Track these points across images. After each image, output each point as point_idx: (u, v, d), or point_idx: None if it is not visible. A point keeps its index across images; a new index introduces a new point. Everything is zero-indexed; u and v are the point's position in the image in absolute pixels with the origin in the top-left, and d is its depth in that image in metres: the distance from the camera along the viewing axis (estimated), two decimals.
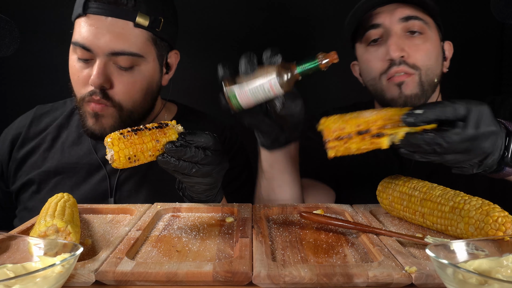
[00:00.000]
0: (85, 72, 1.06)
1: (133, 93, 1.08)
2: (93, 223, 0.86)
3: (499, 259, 0.56)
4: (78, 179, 1.15)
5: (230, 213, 0.91)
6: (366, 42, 1.16)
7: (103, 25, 1.03)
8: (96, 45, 1.03)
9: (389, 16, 1.11)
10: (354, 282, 0.59)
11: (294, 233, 0.79)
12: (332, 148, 0.76)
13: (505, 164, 0.77)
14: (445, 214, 0.75)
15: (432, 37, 1.13)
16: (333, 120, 0.76)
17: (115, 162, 0.76)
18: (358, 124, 0.74)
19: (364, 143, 0.74)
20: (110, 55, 1.03)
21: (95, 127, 1.08)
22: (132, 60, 1.05)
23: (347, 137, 0.74)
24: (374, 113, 0.74)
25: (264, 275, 0.59)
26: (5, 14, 1.33)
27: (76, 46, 1.05)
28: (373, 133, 0.73)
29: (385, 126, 0.73)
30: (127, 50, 1.04)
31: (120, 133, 0.77)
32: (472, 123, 0.70)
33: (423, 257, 0.67)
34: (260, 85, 0.78)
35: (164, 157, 0.79)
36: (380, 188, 0.89)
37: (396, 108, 0.75)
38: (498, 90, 1.68)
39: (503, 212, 0.70)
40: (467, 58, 1.66)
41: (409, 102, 1.11)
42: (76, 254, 0.55)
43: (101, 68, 1.03)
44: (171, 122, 0.83)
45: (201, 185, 0.86)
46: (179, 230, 0.81)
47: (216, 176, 0.86)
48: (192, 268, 0.61)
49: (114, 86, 1.05)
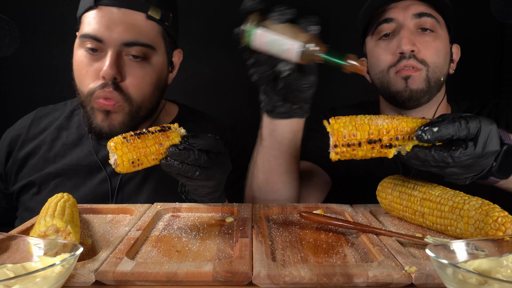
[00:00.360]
0: (94, 66, 1.05)
1: (144, 86, 1.08)
2: (93, 223, 0.86)
3: (499, 259, 0.56)
4: (78, 181, 1.15)
5: (230, 213, 0.91)
6: (378, 36, 1.17)
7: (115, 17, 1.03)
8: (108, 36, 1.03)
9: (403, 11, 1.13)
10: (354, 282, 0.59)
11: (294, 233, 0.79)
12: (338, 154, 0.75)
13: (491, 174, 0.77)
14: (445, 214, 0.75)
15: (442, 36, 1.15)
16: (344, 124, 0.74)
17: (119, 166, 0.75)
18: (370, 132, 0.73)
19: (372, 152, 0.74)
20: (122, 46, 1.04)
21: (103, 124, 1.07)
22: (144, 52, 1.06)
23: (357, 144, 0.73)
24: (386, 121, 0.73)
25: (264, 275, 0.59)
26: (5, 14, 1.33)
27: (86, 39, 1.05)
28: (384, 143, 0.73)
29: (397, 137, 0.73)
30: (140, 41, 1.05)
31: (123, 137, 0.76)
32: (481, 144, 0.71)
33: (423, 257, 0.67)
34: (282, 41, 0.75)
35: (167, 161, 0.78)
36: (380, 188, 0.89)
37: (409, 118, 0.74)
38: (498, 90, 1.68)
39: (503, 212, 0.70)
40: (467, 58, 1.66)
41: (414, 97, 1.12)
42: (76, 254, 0.55)
43: (113, 58, 1.03)
44: (173, 125, 0.82)
45: (205, 188, 0.86)
46: (179, 230, 0.81)
47: (219, 178, 0.86)
48: (192, 268, 0.61)
49: (126, 78, 1.05)
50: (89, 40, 1.04)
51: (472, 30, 1.65)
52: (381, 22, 1.15)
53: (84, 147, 1.18)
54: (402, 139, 0.73)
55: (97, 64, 1.05)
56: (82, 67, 1.07)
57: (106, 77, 1.03)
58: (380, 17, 1.16)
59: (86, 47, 1.05)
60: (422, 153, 0.71)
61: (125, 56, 1.05)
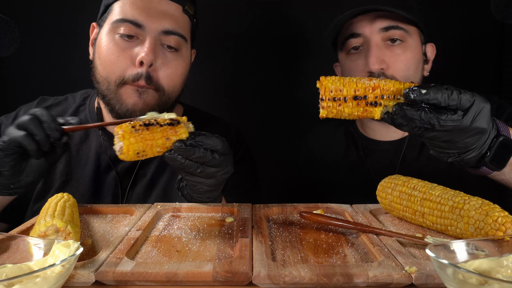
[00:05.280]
0: (128, 52, 1.05)
1: (175, 76, 1.11)
2: (93, 223, 0.86)
3: (499, 259, 0.56)
4: (85, 180, 1.14)
5: (230, 213, 0.91)
6: (347, 50, 1.18)
7: (156, 5, 1.07)
8: (150, 22, 1.05)
9: (369, 25, 1.13)
10: (354, 282, 0.59)
11: (294, 233, 0.79)
12: (325, 108, 0.75)
13: (483, 163, 0.77)
14: (445, 214, 0.75)
15: (412, 45, 1.15)
16: (332, 81, 0.75)
17: (123, 154, 0.75)
18: (356, 89, 0.74)
19: (358, 109, 0.74)
20: (161, 34, 1.06)
21: (137, 105, 1.06)
22: (179, 42, 1.10)
23: (342, 100, 0.74)
24: (374, 81, 0.74)
25: (264, 275, 0.59)
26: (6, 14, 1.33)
27: (123, 23, 1.05)
28: (369, 100, 0.73)
29: (382, 96, 0.73)
30: (177, 31, 1.08)
31: (132, 126, 0.76)
32: (471, 116, 0.71)
33: (423, 257, 0.67)
34: None
35: (171, 154, 0.78)
36: (380, 188, 0.89)
37: (397, 81, 0.74)
38: (498, 90, 1.68)
39: (503, 212, 0.70)
40: (467, 58, 1.66)
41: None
42: (76, 254, 0.55)
43: (152, 44, 1.05)
44: (182, 118, 0.81)
45: (203, 186, 0.86)
46: (179, 230, 0.81)
47: (220, 178, 0.86)
48: (192, 268, 0.61)
49: (160, 68, 1.07)
50: (127, 25, 1.05)
51: (472, 30, 1.65)
52: (349, 36, 1.16)
53: (91, 145, 1.16)
54: (387, 98, 0.73)
55: (132, 50, 1.05)
56: (114, 52, 1.06)
57: (145, 61, 1.04)
58: (347, 31, 1.16)
59: (120, 33, 1.05)
60: (410, 111, 0.71)
61: (160, 45, 1.07)
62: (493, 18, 1.36)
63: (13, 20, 1.32)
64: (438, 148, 0.77)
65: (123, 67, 1.05)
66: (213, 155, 0.80)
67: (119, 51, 1.05)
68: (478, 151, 0.76)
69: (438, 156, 0.79)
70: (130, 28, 1.05)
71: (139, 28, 1.04)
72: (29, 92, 1.65)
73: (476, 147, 0.75)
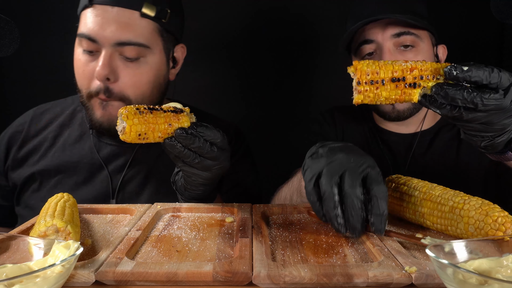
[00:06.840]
0: (90, 66, 1.05)
1: (140, 85, 1.07)
2: (93, 223, 0.86)
3: (499, 259, 0.56)
4: (79, 179, 1.15)
5: (230, 213, 0.91)
6: (361, 56, 1.19)
7: (109, 15, 1.02)
8: (102, 36, 1.02)
9: (381, 32, 1.14)
10: (354, 282, 0.59)
11: (294, 233, 0.79)
12: (361, 93, 0.72)
13: (510, 148, 0.76)
14: (445, 214, 0.75)
15: (424, 49, 1.16)
16: (367, 64, 0.72)
17: (125, 135, 0.76)
18: (393, 71, 0.71)
19: (396, 92, 0.72)
20: (116, 46, 1.03)
21: (104, 116, 1.07)
22: (139, 51, 1.05)
23: (380, 82, 0.71)
24: (409, 62, 0.72)
25: (264, 275, 0.59)
26: (5, 14, 1.33)
27: (82, 38, 1.04)
28: (408, 82, 0.71)
29: (421, 77, 0.71)
30: (133, 40, 1.03)
31: (137, 108, 0.77)
32: (510, 96, 0.68)
33: (423, 257, 0.67)
34: None
35: (171, 141, 0.79)
36: None
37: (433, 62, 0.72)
38: None
39: (503, 212, 0.70)
40: (467, 59, 1.66)
41: (401, 116, 1.18)
42: (76, 254, 0.55)
43: (106, 59, 1.02)
44: (185, 108, 0.83)
45: (198, 178, 0.87)
46: (179, 230, 0.81)
47: (215, 172, 0.87)
48: (192, 268, 0.61)
49: (120, 78, 1.05)
50: (85, 41, 1.04)
51: (472, 30, 1.65)
52: (362, 42, 1.17)
53: (85, 145, 1.18)
54: (426, 78, 0.71)
55: (93, 64, 1.05)
56: (80, 66, 1.07)
57: (99, 77, 1.03)
58: (360, 37, 1.17)
59: (83, 48, 1.06)
60: (451, 91, 0.68)
61: (119, 56, 1.04)
62: (493, 18, 1.36)
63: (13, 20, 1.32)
64: (474, 131, 0.74)
65: (87, 81, 1.06)
66: (212, 148, 0.81)
67: (83, 66, 1.06)
68: (508, 135, 0.74)
69: (470, 141, 0.77)
70: (88, 44, 1.04)
71: (95, 43, 1.03)
72: (29, 92, 1.66)
73: (510, 130, 0.73)
